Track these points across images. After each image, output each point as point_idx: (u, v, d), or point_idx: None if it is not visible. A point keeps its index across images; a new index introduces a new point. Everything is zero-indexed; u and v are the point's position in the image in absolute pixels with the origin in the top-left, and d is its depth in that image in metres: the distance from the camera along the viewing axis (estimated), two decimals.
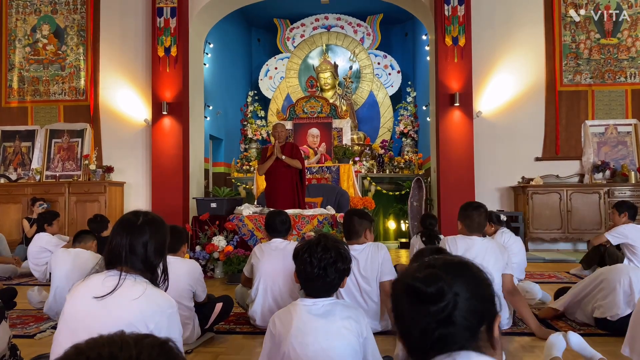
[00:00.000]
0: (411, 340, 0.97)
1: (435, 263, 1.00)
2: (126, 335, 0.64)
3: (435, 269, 0.97)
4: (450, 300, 0.93)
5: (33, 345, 3.08)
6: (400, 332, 1.00)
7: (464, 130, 7.44)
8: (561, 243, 7.50)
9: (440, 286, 0.93)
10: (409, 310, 0.96)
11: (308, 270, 1.85)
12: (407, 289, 0.96)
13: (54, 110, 8.41)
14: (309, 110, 9.47)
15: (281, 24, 11.95)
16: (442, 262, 1.01)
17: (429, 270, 0.97)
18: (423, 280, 0.95)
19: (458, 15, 7.45)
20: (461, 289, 0.95)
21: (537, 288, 4.03)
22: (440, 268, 0.97)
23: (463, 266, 1.01)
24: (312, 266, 1.84)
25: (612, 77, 7.73)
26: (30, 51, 8.49)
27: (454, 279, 0.95)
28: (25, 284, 5.18)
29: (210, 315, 3.15)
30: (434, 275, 0.95)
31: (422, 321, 0.94)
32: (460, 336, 0.93)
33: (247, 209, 5.89)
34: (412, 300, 0.95)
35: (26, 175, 8.16)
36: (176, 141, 7.79)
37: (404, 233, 8.90)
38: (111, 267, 1.75)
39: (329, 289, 1.89)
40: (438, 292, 0.93)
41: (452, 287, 0.94)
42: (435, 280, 0.94)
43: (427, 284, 0.94)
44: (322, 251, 1.85)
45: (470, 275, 0.99)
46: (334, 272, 1.85)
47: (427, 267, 0.99)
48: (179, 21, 7.82)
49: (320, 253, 1.84)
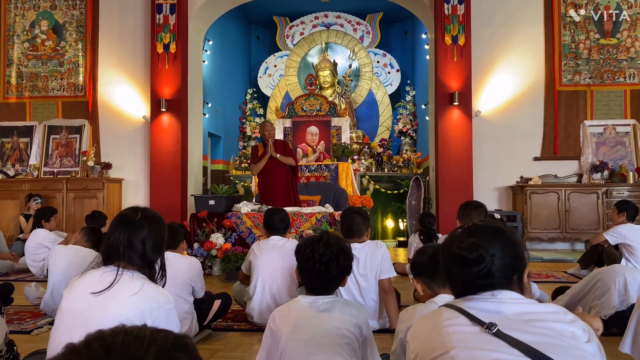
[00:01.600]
0: (459, 288, 1.27)
1: (474, 230, 1.27)
2: (143, 327, 0.63)
3: (474, 239, 1.23)
4: (488, 261, 1.20)
5: (30, 341, 3.08)
6: (450, 284, 1.31)
7: (462, 129, 7.44)
8: (559, 243, 7.51)
9: (480, 253, 1.20)
10: (456, 270, 1.25)
11: (310, 265, 1.85)
12: (454, 256, 1.24)
13: (52, 106, 8.38)
14: (308, 108, 9.46)
15: (281, 22, 11.93)
16: (480, 228, 1.27)
17: (470, 240, 1.23)
18: (466, 249, 1.22)
19: (458, 14, 7.45)
20: (497, 250, 1.22)
21: (535, 287, 4.03)
22: (479, 236, 1.24)
23: (497, 230, 1.26)
24: (314, 261, 1.83)
25: (611, 78, 7.73)
26: (28, 47, 8.46)
27: (490, 244, 1.22)
28: (23, 280, 5.17)
29: (208, 312, 3.15)
30: (474, 245, 1.22)
31: (466, 277, 1.23)
32: (498, 283, 1.22)
33: (245, 207, 5.88)
34: (459, 264, 1.23)
35: (24, 171, 8.14)
36: (175, 138, 7.78)
37: (402, 232, 8.90)
38: (109, 263, 1.74)
39: (330, 286, 1.88)
40: (479, 257, 1.20)
41: (489, 251, 1.21)
42: (476, 248, 1.21)
43: (470, 251, 1.21)
44: (324, 247, 1.85)
45: (503, 238, 1.25)
46: (335, 268, 1.85)
47: (468, 235, 1.25)
48: (178, 18, 7.80)
49: (322, 249, 1.84)
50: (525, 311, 1.17)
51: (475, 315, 1.17)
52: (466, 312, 1.18)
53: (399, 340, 1.94)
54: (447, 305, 1.25)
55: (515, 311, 1.17)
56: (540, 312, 1.17)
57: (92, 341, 0.57)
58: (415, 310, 1.95)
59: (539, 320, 1.15)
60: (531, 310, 1.18)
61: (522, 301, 1.20)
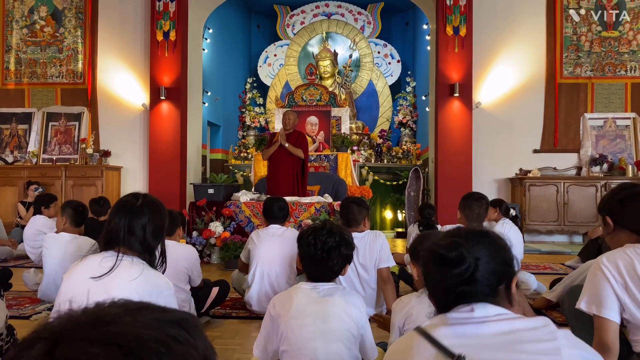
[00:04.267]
0: (437, 296, 1.16)
1: (457, 232, 1.17)
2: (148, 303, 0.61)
3: (456, 238, 1.13)
4: (471, 264, 1.09)
5: (29, 327, 3.06)
6: (429, 289, 1.19)
7: (463, 121, 7.42)
8: (557, 235, 7.53)
9: (461, 252, 1.10)
10: (434, 272, 1.14)
11: (312, 252, 1.86)
12: (433, 254, 1.14)
13: (51, 93, 8.35)
14: (308, 98, 9.43)
15: (281, 11, 11.86)
16: (464, 231, 1.17)
17: (451, 238, 1.14)
18: (445, 247, 1.12)
19: (460, 4, 7.40)
20: (482, 253, 1.11)
21: (532, 279, 4.05)
22: (461, 237, 1.14)
23: (483, 234, 1.17)
24: (316, 248, 1.85)
25: (612, 70, 7.71)
26: (27, 33, 8.40)
27: (474, 246, 1.11)
28: (21, 267, 5.18)
29: (206, 299, 3.16)
30: (455, 242, 1.11)
31: (446, 281, 1.11)
32: (481, 292, 1.10)
33: (244, 196, 5.88)
34: (437, 264, 1.13)
35: (23, 158, 8.12)
36: (174, 126, 7.75)
37: (401, 223, 8.92)
38: (109, 248, 1.74)
39: (331, 274, 1.89)
40: (459, 257, 1.09)
41: (472, 253, 1.10)
42: (456, 247, 1.10)
43: (449, 250, 1.11)
44: (327, 234, 1.86)
45: (489, 241, 1.15)
46: (337, 257, 1.86)
47: (451, 236, 1.16)
48: (178, 5, 7.75)
49: (324, 236, 1.86)
50: (507, 330, 1.05)
51: (447, 345, 1.04)
52: (436, 342, 1.05)
53: (396, 328, 1.95)
54: (419, 331, 1.11)
55: (496, 331, 1.06)
56: (523, 329, 1.05)
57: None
58: (410, 300, 1.96)
59: (522, 342, 1.03)
60: (514, 328, 1.05)
61: (505, 317, 1.08)
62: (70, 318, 0.53)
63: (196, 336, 0.56)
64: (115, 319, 0.53)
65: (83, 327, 0.51)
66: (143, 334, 0.51)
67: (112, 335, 0.50)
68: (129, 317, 0.54)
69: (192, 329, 0.56)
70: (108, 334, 0.50)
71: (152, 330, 0.52)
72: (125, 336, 0.50)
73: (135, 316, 0.54)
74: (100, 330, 0.51)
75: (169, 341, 0.52)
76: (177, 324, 0.55)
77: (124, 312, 0.54)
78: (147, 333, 0.52)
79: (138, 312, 0.55)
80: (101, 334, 0.50)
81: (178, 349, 0.52)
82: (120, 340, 0.49)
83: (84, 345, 0.49)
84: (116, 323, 0.52)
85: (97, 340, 0.49)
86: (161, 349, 0.51)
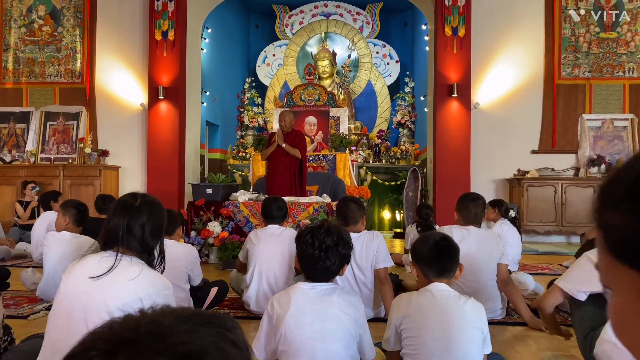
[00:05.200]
0: None
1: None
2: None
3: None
4: None
5: (27, 326, 3.08)
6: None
7: (461, 121, 7.43)
8: (555, 236, 7.54)
9: None
10: None
11: (309, 251, 1.86)
12: None
13: (50, 92, 8.33)
14: (307, 98, 9.43)
15: (280, 11, 11.85)
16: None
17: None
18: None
19: (458, 5, 7.41)
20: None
21: (530, 279, 4.06)
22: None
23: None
24: (314, 247, 1.84)
25: (611, 72, 7.72)
26: (25, 32, 8.39)
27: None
28: (19, 266, 5.17)
29: (205, 299, 3.16)
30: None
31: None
32: None
33: (242, 196, 5.88)
34: None
35: (20, 158, 8.11)
36: (172, 126, 7.75)
37: (399, 223, 8.92)
38: (108, 248, 1.74)
39: (328, 274, 1.89)
40: None
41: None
42: None
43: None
44: (324, 233, 1.86)
45: None
46: (334, 256, 1.85)
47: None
48: (177, 5, 7.74)
49: (322, 235, 1.85)
50: None
51: None
52: None
53: (392, 327, 1.95)
54: None
55: None
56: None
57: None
58: (410, 298, 1.96)
59: None
60: None
61: None
62: (124, 328, 0.52)
63: (243, 339, 0.57)
64: (173, 329, 0.52)
65: (142, 339, 0.51)
66: (203, 342, 0.52)
67: (173, 346, 0.50)
68: (184, 325, 0.53)
69: (240, 332, 0.57)
70: (171, 346, 0.50)
71: (211, 338, 0.53)
72: (186, 346, 0.50)
73: (190, 325, 0.54)
74: (163, 342, 0.50)
75: (225, 346, 0.53)
76: (227, 329, 0.56)
77: (177, 322, 0.54)
78: (206, 341, 0.52)
79: (190, 320, 0.55)
80: (165, 346, 0.50)
81: (233, 353, 0.53)
82: (182, 351, 0.49)
83: (148, 357, 0.48)
84: (175, 334, 0.52)
85: (161, 352, 0.49)
86: (221, 356, 0.52)
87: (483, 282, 3.18)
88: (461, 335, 1.84)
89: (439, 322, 1.85)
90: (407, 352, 1.89)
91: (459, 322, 1.85)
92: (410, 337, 1.88)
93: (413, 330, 1.88)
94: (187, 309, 0.58)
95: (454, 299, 1.91)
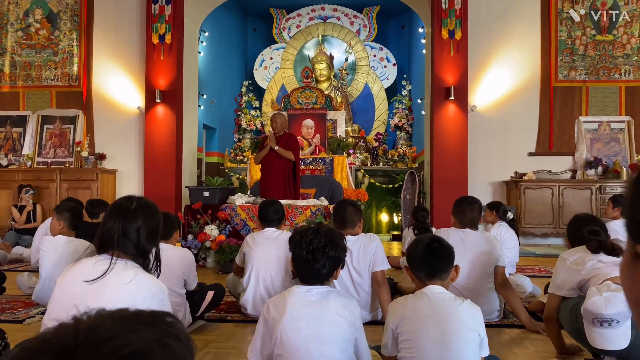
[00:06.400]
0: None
1: None
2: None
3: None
4: None
5: (22, 331, 3.06)
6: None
7: (458, 124, 7.44)
8: (552, 238, 7.54)
9: None
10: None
11: (298, 253, 1.86)
12: None
13: (46, 96, 8.32)
14: (304, 101, 9.43)
15: (277, 14, 11.86)
16: None
17: None
18: None
19: (455, 8, 7.44)
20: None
21: (527, 281, 4.05)
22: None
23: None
24: (302, 249, 1.84)
25: (607, 74, 7.75)
26: (22, 35, 8.38)
27: None
28: (15, 270, 5.14)
29: (201, 303, 3.14)
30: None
31: None
32: None
33: (240, 199, 5.87)
34: None
35: (17, 161, 8.09)
36: (169, 129, 7.74)
37: (397, 226, 8.92)
38: (103, 251, 1.73)
39: (320, 277, 1.88)
40: None
41: None
42: None
43: None
44: (312, 235, 1.85)
45: None
46: (322, 258, 1.83)
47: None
48: (174, 8, 7.75)
49: (310, 237, 1.85)
50: None
51: None
52: None
53: (389, 331, 1.94)
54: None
55: None
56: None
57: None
58: (406, 301, 1.96)
59: None
60: None
61: None
62: (60, 337, 0.51)
63: (185, 332, 0.57)
64: (114, 331, 0.52)
65: (83, 346, 0.50)
66: (147, 341, 0.51)
67: (117, 348, 0.49)
68: (124, 327, 0.53)
69: (180, 326, 0.57)
70: (115, 348, 0.49)
71: (153, 335, 0.52)
72: (130, 346, 0.50)
73: (130, 325, 0.54)
74: (105, 346, 0.50)
75: (169, 341, 0.53)
76: (168, 325, 0.56)
77: (116, 324, 0.53)
78: (149, 339, 0.52)
79: (129, 320, 0.55)
80: (108, 350, 0.49)
81: (178, 347, 0.53)
82: (127, 352, 0.49)
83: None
84: (116, 336, 0.51)
85: (105, 356, 0.49)
86: (166, 351, 0.51)
87: (480, 284, 3.17)
88: (457, 337, 1.83)
89: (435, 325, 1.84)
90: (403, 355, 1.89)
91: (455, 324, 1.84)
92: (407, 340, 1.87)
93: (409, 333, 1.87)
94: (125, 310, 0.57)
95: (450, 301, 1.90)
